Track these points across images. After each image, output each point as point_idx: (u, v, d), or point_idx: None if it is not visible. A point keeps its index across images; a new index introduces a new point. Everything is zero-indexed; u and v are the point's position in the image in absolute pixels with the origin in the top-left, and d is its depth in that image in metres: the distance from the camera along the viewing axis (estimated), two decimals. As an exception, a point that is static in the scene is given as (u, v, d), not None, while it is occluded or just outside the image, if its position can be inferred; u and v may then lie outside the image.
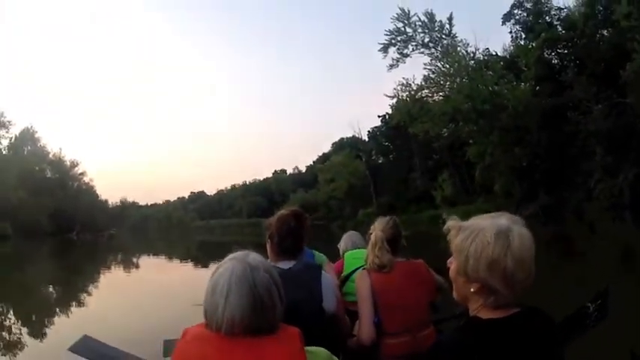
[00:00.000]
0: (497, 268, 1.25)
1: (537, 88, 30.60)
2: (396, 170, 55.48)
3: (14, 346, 7.38)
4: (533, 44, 32.40)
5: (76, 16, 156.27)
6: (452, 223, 1.40)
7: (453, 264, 1.39)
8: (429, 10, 34.71)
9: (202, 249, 35.40)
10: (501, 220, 1.32)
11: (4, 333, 8.35)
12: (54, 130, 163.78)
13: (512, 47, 36.22)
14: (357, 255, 3.94)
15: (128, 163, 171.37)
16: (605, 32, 28.89)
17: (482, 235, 1.29)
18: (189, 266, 22.11)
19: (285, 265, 2.33)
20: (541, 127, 28.08)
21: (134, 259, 27.99)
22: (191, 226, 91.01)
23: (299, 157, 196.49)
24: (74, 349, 2.58)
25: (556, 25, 32.77)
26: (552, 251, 14.38)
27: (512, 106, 30.40)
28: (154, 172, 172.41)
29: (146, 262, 26.62)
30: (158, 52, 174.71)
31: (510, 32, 36.54)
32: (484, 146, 31.89)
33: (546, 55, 32.27)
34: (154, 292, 13.01)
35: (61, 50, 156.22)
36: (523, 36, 35.21)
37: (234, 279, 1.29)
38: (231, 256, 1.38)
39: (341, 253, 4.25)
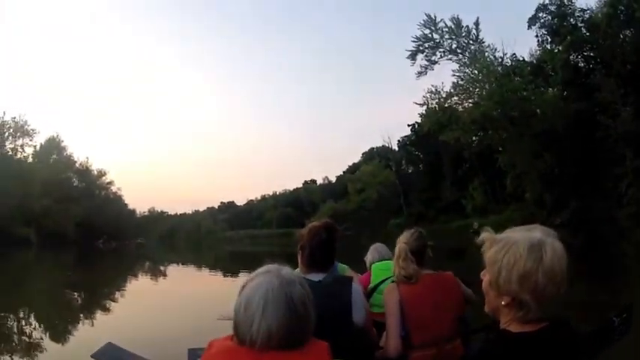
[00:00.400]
0: (528, 282, 1.26)
1: (565, 92, 29.94)
2: (426, 180, 55.12)
3: (35, 350, 7.31)
4: (560, 48, 31.82)
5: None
6: (486, 235, 1.40)
7: (485, 276, 1.39)
8: (456, 16, 34.42)
9: (232, 259, 35.27)
10: (535, 233, 1.32)
11: (24, 337, 8.29)
12: (77, 135, 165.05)
13: (538, 52, 35.57)
14: (384, 267, 3.98)
15: (153, 167, 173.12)
16: (628, 32, 28.15)
17: (515, 248, 1.29)
18: (218, 276, 21.95)
19: (316, 277, 2.33)
20: (570, 132, 27.44)
21: (162, 268, 27.90)
22: (220, 236, 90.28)
23: (329, 168, 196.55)
24: (97, 355, 2.58)
25: (580, 27, 32.03)
26: (582, 260, 13.85)
27: (540, 111, 29.90)
28: (181, 180, 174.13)
29: (174, 271, 26.49)
30: (183, 47, 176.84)
31: (536, 36, 35.77)
32: (515, 154, 31.25)
33: (572, 59, 31.62)
34: (181, 302, 12.69)
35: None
36: (549, 40, 34.43)
37: (271, 293, 1.26)
38: (263, 269, 1.35)
39: (367, 265, 4.26)
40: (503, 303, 1.31)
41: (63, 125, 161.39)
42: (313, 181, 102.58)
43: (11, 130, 56.50)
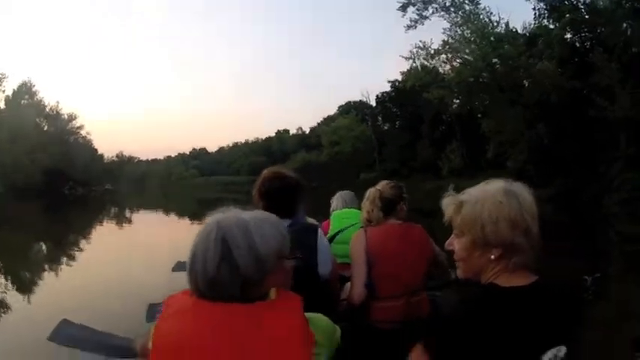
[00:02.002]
0: (518, 224, 1.25)
1: (560, 69, 29.13)
2: (403, 137, 54.32)
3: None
4: (557, 24, 30.89)
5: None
6: (450, 198, 1.38)
7: (459, 241, 1.36)
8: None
9: (201, 205, 34.82)
10: (499, 183, 1.33)
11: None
12: (48, 80, 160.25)
13: (533, 25, 34.38)
14: (345, 215, 3.85)
15: (126, 115, 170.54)
16: (631, 22, 26.85)
17: (492, 198, 1.29)
18: (185, 223, 21.46)
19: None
20: (565, 108, 26.91)
21: (128, 215, 27.76)
22: (191, 183, 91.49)
23: (304, 119, 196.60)
24: (53, 337, 2.36)
25: (581, 8, 30.60)
26: (565, 238, 13.55)
27: (534, 81, 29.21)
28: (153, 125, 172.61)
29: (141, 218, 26.38)
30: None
31: (534, 9, 34.17)
32: (503, 120, 30.52)
33: (569, 37, 30.93)
34: (145, 251, 12.52)
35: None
36: (547, 15, 32.76)
37: (213, 242, 1.20)
38: (213, 217, 1.28)
39: (331, 212, 4.09)
40: (493, 257, 1.28)
41: (32, 71, 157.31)
42: (286, 131, 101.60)
43: (-23, 78, 53.16)
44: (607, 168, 23.14)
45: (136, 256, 11.44)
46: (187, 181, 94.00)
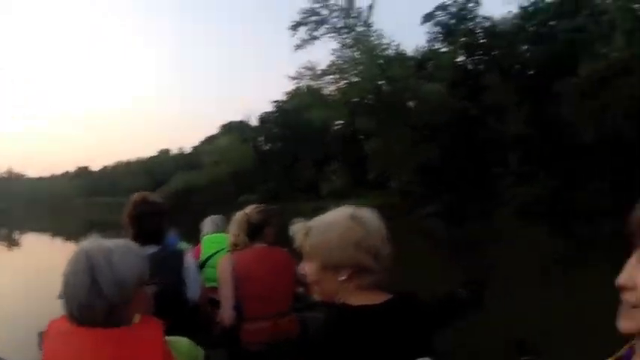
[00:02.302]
0: (364, 246, 1.29)
1: (451, 90, 30.12)
2: (286, 158, 54.28)
3: None
4: (451, 47, 32.18)
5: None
6: (298, 225, 1.40)
7: (310, 266, 1.38)
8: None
9: (85, 227, 33.04)
10: (347, 209, 1.37)
11: None
12: None
13: (425, 49, 35.52)
14: (216, 239, 3.90)
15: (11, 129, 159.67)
16: (532, 47, 28.60)
17: (339, 224, 1.32)
18: (71, 245, 19.71)
19: (147, 250, 1.98)
20: (455, 129, 27.73)
21: (15, 237, 27.43)
22: (75, 203, 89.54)
23: (186, 139, 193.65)
24: None
25: (478, 32, 32.41)
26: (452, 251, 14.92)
27: (422, 102, 29.89)
28: (36, 141, 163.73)
29: (28, 240, 25.80)
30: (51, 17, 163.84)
31: (428, 32, 35.60)
32: (389, 141, 30.76)
33: (462, 60, 32.21)
34: (33, 277, 12.12)
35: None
36: (441, 38, 34.44)
37: (80, 270, 1.25)
38: (82, 245, 1.33)
39: (201, 237, 4.13)
40: (343, 278, 1.30)
41: None
42: (167, 151, 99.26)
43: None
44: (496, 184, 24.03)
45: (26, 282, 11.30)
46: (72, 201, 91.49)
